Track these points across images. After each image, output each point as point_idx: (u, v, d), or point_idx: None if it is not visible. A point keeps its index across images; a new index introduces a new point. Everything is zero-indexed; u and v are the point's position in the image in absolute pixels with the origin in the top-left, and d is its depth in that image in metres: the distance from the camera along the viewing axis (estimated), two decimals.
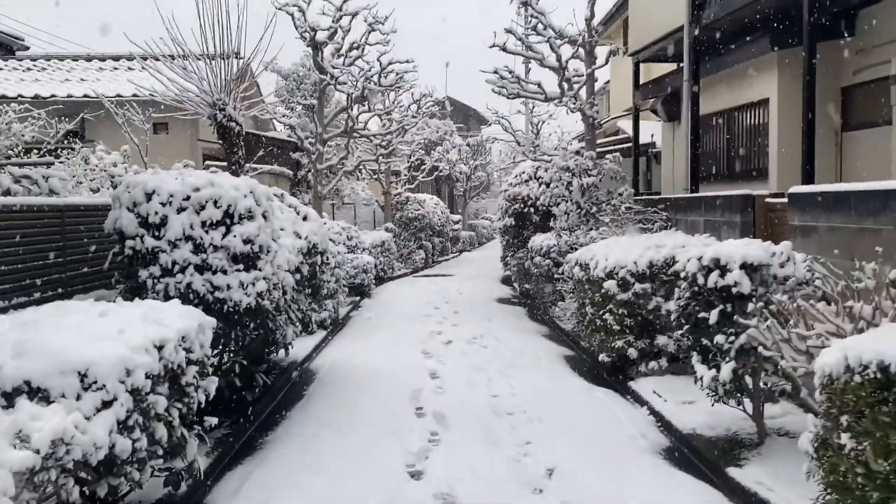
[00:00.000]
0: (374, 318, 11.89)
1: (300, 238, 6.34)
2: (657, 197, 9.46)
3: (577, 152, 10.63)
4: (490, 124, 42.13)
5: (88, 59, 17.87)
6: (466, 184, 32.00)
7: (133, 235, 4.97)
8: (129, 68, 17.04)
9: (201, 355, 4.05)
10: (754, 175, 9.58)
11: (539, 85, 11.01)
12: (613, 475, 4.70)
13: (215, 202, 5.03)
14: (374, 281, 15.22)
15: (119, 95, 15.03)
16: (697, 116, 9.29)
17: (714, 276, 4.82)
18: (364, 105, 12.30)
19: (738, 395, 4.85)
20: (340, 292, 11.23)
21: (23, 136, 11.86)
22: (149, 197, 4.98)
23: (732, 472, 4.61)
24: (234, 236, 5.02)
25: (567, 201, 9.40)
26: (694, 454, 5.13)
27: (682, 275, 5.22)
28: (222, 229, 5.04)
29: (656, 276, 7.00)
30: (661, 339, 7.05)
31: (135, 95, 14.69)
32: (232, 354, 5.30)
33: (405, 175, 22.31)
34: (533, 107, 23.37)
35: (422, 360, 8.29)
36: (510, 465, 4.85)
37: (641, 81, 11.98)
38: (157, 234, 4.95)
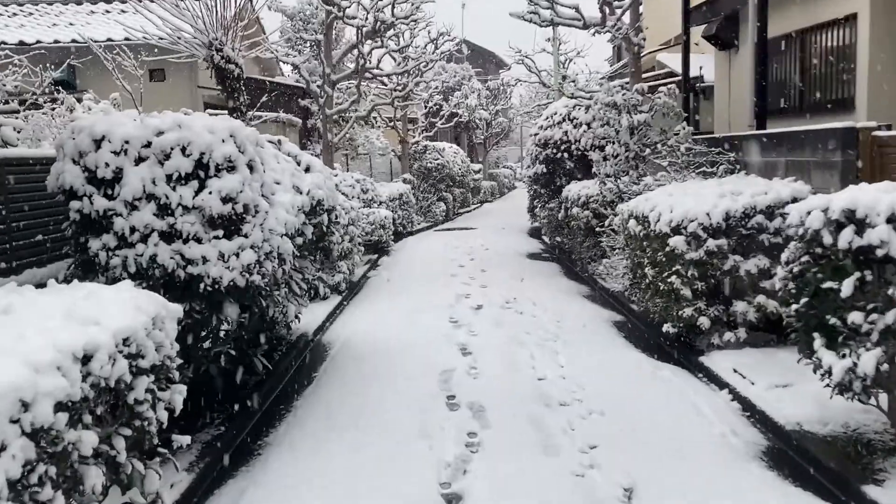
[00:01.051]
0: (393, 278, 10.79)
1: (301, 193, 5.17)
2: (720, 136, 8.11)
3: (622, 87, 9.28)
4: (509, 68, 40.25)
5: (79, 2, 16.55)
6: (486, 130, 30.47)
7: (80, 195, 3.83)
8: (122, 11, 15.71)
9: (159, 358, 2.94)
10: (832, 108, 8.20)
11: (577, 9, 9.58)
12: (711, 497, 3.59)
13: (184, 149, 3.86)
14: (392, 237, 14.10)
15: (110, 40, 13.75)
16: (765, 37, 7.87)
17: (847, 232, 3.60)
18: (377, 41, 10.98)
19: (876, 388, 3.69)
20: (356, 252, 10.12)
21: (3, 85, 10.64)
22: (98, 144, 3.82)
23: (871, 492, 3.48)
24: (210, 193, 3.86)
25: (614, 143, 8.11)
26: (808, 461, 3.99)
27: (794, 231, 3.99)
28: (194, 184, 3.88)
29: (734, 229, 5.79)
30: (738, 306, 5.87)
31: (127, 39, 13.43)
32: (219, 342, 4.19)
33: (422, 122, 20.93)
34: (560, 43, 21.76)
35: (450, 330, 7.19)
36: (575, 484, 3.75)
37: (692, 4, 10.47)
38: (109, 192, 3.81)
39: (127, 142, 3.81)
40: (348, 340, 7.09)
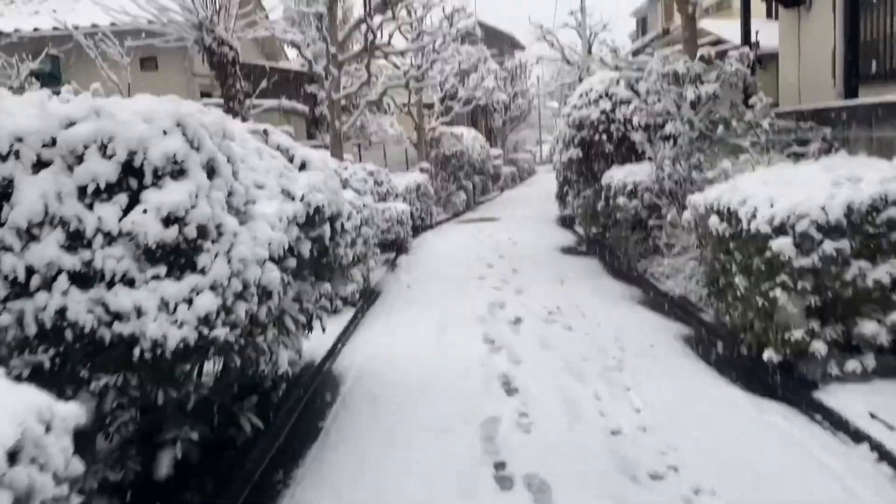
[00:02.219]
0: (413, 283, 9.51)
1: (293, 200, 3.89)
2: (806, 109, 6.71)
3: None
4: (524, 49, 38.65)
5: None
6: (505, 114, 29.00)
7: None
8: None
9: None
10: None
11: None
12: None
13: (104, 147, 2.59)
14: (410, 232, 12.83)
15: (95, 25, 12.52)
16: None
17: None
18: (387, 13, 9.67)
19: None
20: (371, 255, 8.86)
21: None
22: None
23: None
24: (146, 212, 2.60)
25: (675, 120, 6.74)
26: None
27: None
28: (121, 199, 2.62)
29: (858, 227, 4.44)
30: (865, 326, 4.53)
31: (113, 25, 12.20)
32: (173, 424, 2.94)
33: (438, 107, 19.56)
34: (584, 15, 20.28)
35: (486, 356, 5.90)
36: None
37: None
38: None
39: (19, 139, 2.55)
40: (363, 370, 5.83)
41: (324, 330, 5.04)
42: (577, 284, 8.68)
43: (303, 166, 4.46)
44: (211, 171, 2.90)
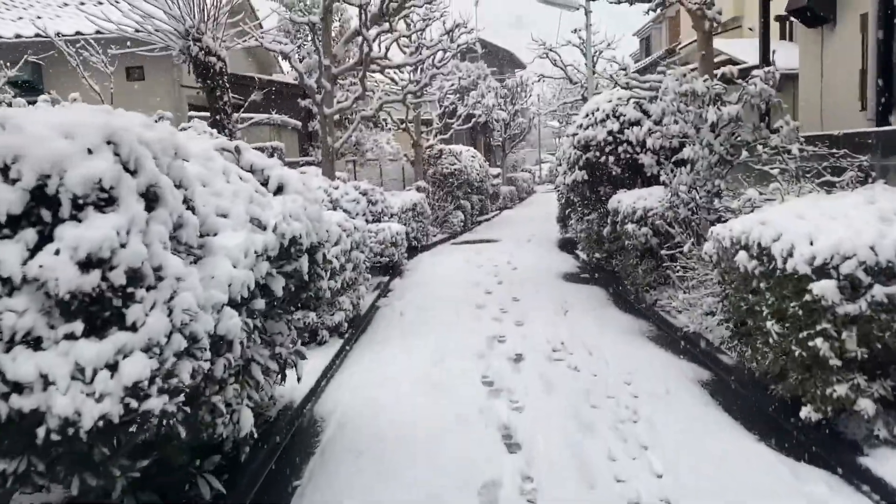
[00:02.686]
0: (407, 311, 8.93)
1: (264, 230, 3.32)
2: (837, 133, 6.18)
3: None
4: (525, 67, 38.34)
5: None
6: (505, 132, 28.56)
7: None
8: (99, 2, 14.00)
9: None
10: None
11: None
12: None
13: (6, 169, 2.03)
14: (405, 254, 12.27)
15: (79, 33, 12.02)
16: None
17: None
18: (384, 24, 9.14)
19: None
20: (361, 281, 8.29)
21: None
22: None
23: None
24: (58, 253, 2.03)
25: (694, 143, 6.21)
26: None
27: None
28: (28, 236, 2.05)
29: None
30: None
31: (98, 33, 11.71)
32: None
33: (437, 124, 19.07)
34: (589, 32, 19.87)
35: (485, 400, 5.32)
36: None
37: None
38: None
39: None
40: (347, 415, 5.23)
41: (299, 379, 4.44)
42: (581, 316, 8.11)
43: (279, 189, 3.90)
44: (152, 200, 2.34)
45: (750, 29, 13.81)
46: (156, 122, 9.59)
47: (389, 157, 14.51)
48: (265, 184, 3.85)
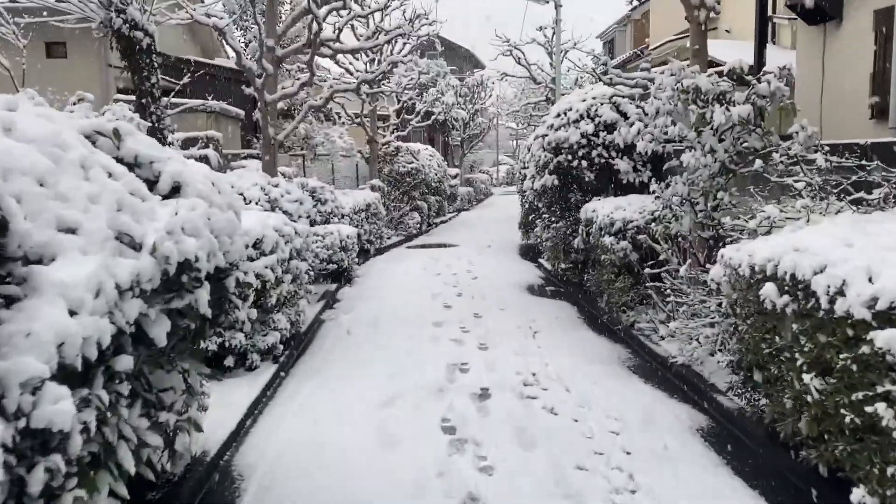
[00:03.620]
0: (355, 327, 7.86)
1: (139, 249, 2.25)
2: (863, 142, 5.36)
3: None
4: (484, 67, 37.49)
5: None
6: (464, 132, 27.63)
7: None
8: None
9: None
10: None
11: None
12: None
13: None
14: (356, 259, 11.20)
15: None
16: None
17: None
18: (338, 1, 8.02)
19: None
20: (302, 295, 7.20)
21: None
22: None
23: None
24: None
25: (694, 148, 5.33)
26: None
27: None
28: None
29: None
30: None
31: (12, 1, 10.32)
32: None
33: (394, 120, 18.00)
34: (554, 33, 19.07)
35: (445, 456, 4.31)
36: None
37: None
38: None
39: None
40: (273, 474, 4.16)
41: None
42: (552, 338, 7.18)
43: (174, 191, 2.82)
44: None
45: (727, 31, 13.15)
46: (74, 104, 8.13)
47: (342, 152, 13.40)
48: (154, 183, 2.77)
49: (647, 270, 6.55)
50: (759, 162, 4.78)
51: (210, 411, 4.75)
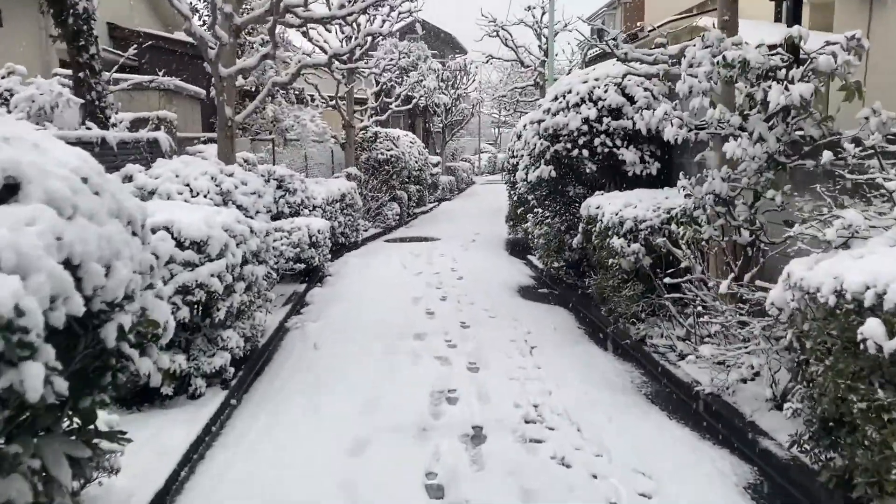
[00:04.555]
0: (323, 341, 6.80)
1: None
2: None
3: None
4: (467, 53, 36.31)
5: None
6: (446, 118, 26.50)
7: None
8: None
9: None
10: None
11: None
12: None
13: None
14: (328, 256, 10.12)
15: None
16: None
17: None
18: None
19: None
20: (262, 303, 6.12)
21: None
22: None
23: None
24: None
25: (735, 136, 4.34)
26: None
27: None
28: None
29: None
30: None
31: None
32: None
33: (373, 103, 16.86)
34: (544, 13, 18.01)
35: None
36: None
37: None
38: None
39: None
40: None
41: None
42: (552, 356, 6.18)
43: (8, 192, 1.73)
44: None
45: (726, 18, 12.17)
46: (2, 77, 6.81)
47: (313, 137, 12.29)
48: None
49: (666, 280, 5.56)
50: (827, 154, 3.79)
51: (135, 458, 3.73)
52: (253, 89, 11.00)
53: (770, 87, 4.05)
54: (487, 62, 20.52)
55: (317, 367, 5.99)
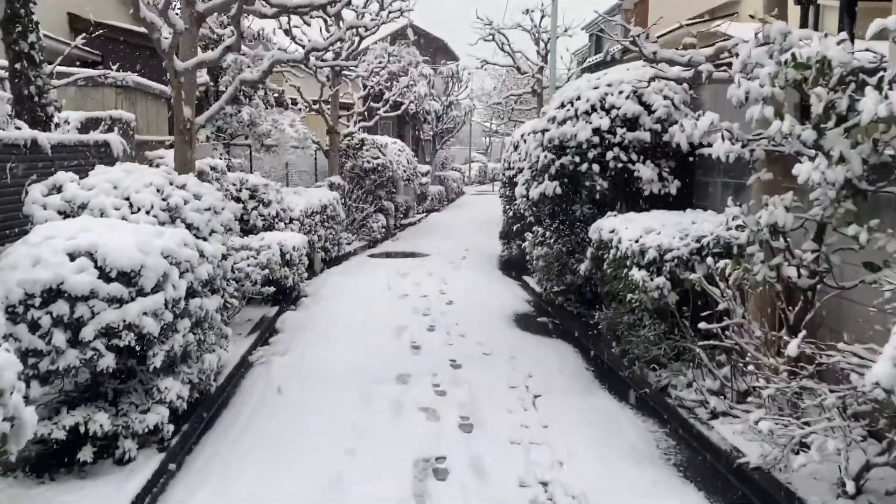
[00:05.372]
0: (289, 383, 5.78)
1: None
2: None
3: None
4: (459, 60, 35.45)
5: None
6: (437, 125, 25.55)
7: None
8: None
9: None
10: None
11: None
12: None
13: None
14: (305, 274, 9.11)
15: None
16: None
17: None
18: None
19: None
20: (214, 342, 5.10)
21: None
22: None
23: None
24: None
25: (808, 153, 3.41)
26: None
27: None
28: None
29: None
30: None
31: None
32: None
33: (360, 108, 15.88)
34: (543, 16, 17.14)
35: None
36: None
37: None
38: None
39: None
40: None
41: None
42: (561, 411, 5.21)
43: None
44: None
45: (751, 16, 11.35)
46: None
47: (293, 143, 11.29)
48: None
49: (702, 325, 4.61)
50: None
51: None
52: (206, 80, 9.96)
53: (855, 94, 3.12)
54: (482, 67, 19.64)
55: (278, 418, 4.98)
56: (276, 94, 11.65)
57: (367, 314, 8.24)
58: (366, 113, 16.46)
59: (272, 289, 7.69)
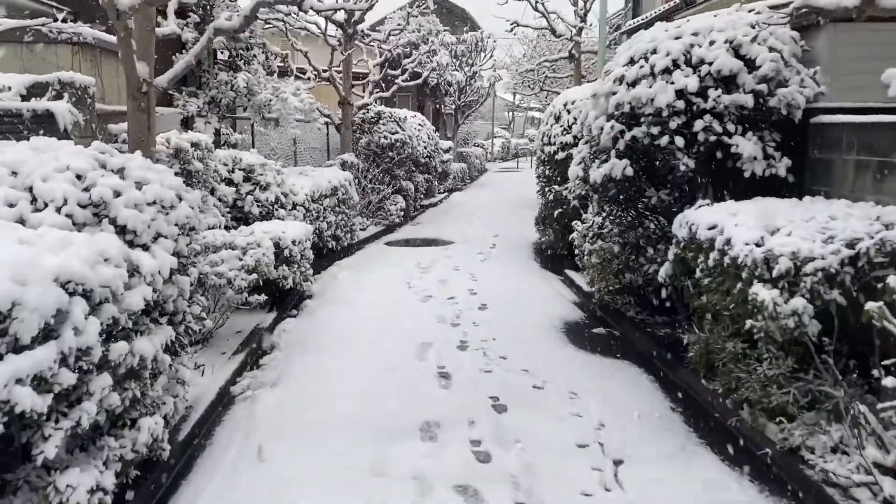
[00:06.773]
0: (271, 445, 4.25)
1: None
2: None
3: None
4: (480, 30, 33.50)
5: None
6: (459, 98, 23.77)
7: None
8: None
9: None
10: None
11: None
12: None
13: None
14: (309, 270, 7.59)
15: None
16: None
17: None
18: None
19: None
20: (160, 395, 3.58)
21: None
22: None
23: None
24: None
25: None
26: None
27: None
28: None
29: None
30: None
31: None
32: None
33: (376, 76, 14.23)
34: None
35: None
36: None
37: None
38: None
39: None
40: None
41: None
42: (657, 494, 3.64)
43: None
44: None
45: None
46: None
47: (298, 115, 9.74)
48: None
49: (882, 378, 3.00)
50: None
51: None
52: (161, 24, 8.32)
53: None
54: (512, 31, 17.79)
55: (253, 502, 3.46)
56: (278, 60, 10.06)
57: (381, 324, 6.70)
58: (382, 83, 14.81)
59: (262, 297, 6.16)
